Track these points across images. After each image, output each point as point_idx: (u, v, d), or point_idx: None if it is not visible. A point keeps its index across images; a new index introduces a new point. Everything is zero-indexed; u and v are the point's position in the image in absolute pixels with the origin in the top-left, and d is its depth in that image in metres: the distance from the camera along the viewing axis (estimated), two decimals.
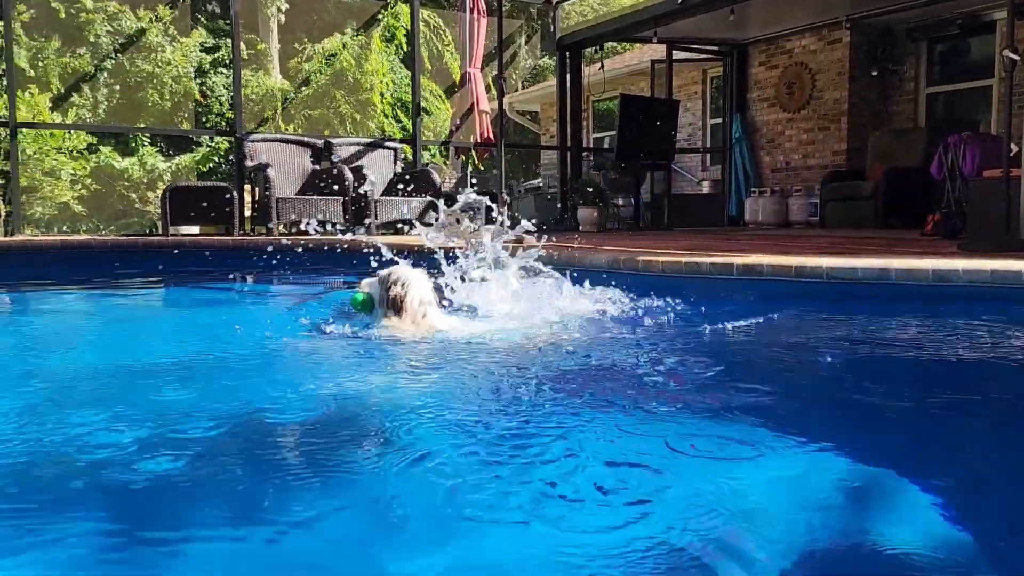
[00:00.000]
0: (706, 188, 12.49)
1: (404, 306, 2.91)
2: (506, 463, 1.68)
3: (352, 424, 2.02)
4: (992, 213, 4.69)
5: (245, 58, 14.85)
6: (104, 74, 14.93)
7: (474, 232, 3.22)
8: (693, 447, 1.77)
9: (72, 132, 12.79)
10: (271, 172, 7.62)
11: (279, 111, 15.41)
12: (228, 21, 14.18)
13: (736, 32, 10.80)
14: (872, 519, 1.44)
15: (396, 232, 8.74)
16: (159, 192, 12.70)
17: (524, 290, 3.22)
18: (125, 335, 2.97)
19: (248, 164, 8.06)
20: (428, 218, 2.94)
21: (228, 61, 15.15)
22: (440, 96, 16.23)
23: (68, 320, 4.19)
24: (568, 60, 10.76)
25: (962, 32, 9.58)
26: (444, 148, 15.29)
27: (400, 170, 9.00)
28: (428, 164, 11.57)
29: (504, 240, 3.32)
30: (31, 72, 13.69)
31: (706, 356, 2.76)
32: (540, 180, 16.45)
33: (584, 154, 11.72)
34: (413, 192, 8.39)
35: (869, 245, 5.49)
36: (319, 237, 4.08)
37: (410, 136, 10.98)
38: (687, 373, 2.53)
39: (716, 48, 11.62)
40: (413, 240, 4.49)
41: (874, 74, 10.17)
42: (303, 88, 15.84)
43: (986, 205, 4.80)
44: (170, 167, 14.92)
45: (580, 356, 2.70)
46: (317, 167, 8.53)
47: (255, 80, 15.51)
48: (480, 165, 11.36)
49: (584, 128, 13.04)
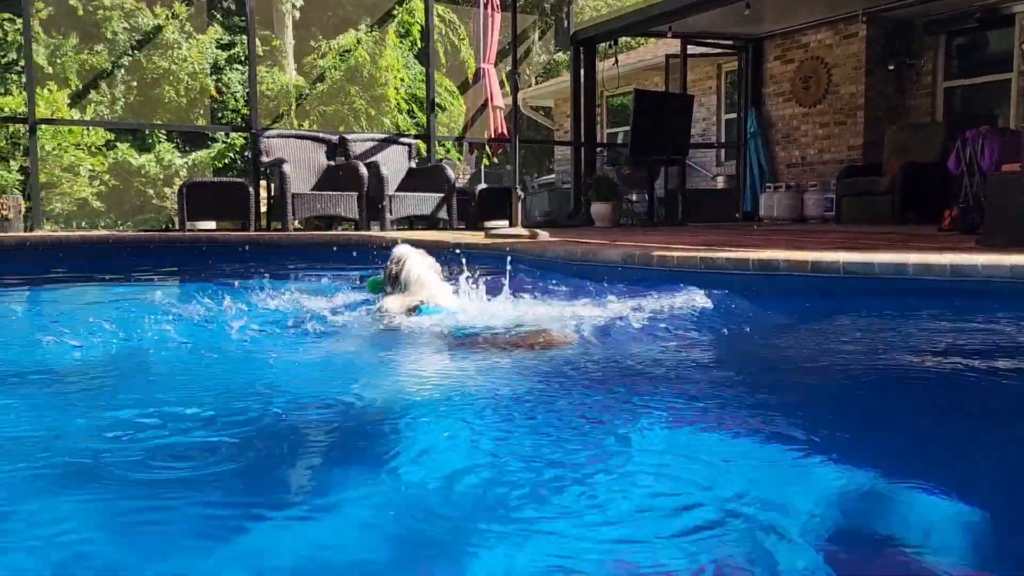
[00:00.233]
0: (720, 183, 12.45)
1: (400, 282, 3.05)
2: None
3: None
4: (1011, 208, 4.65)
5: (260, 54, 14.90)
6: (121, 71, 15.05)
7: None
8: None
9: (90, 128, 12.89)
10: (287, 168, 7.66)
11: (294, 107, 15.48)
12: (243, 18, 14.26)
13: (751, 26, 10.74)
14: (893, 518, 1.44)
15: (411, 227, 8.78)
16: (176, 188, 12.78)
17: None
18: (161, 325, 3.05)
19: (264, 160, 8.10)
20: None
21: (243, 57, 15.22)
22: (454, 92, 16.24)
23: (89, 311, 4.25)
24: (582, 55, 10.74)
25: (980, 25, 9.48)
26: (458, 144, 15.30)
27: (414, 166, 9.03)
28: (442, 160, 11.59)
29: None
30: (49, 69, 13.82)
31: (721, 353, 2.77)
32: (554, 175, 16.46)
33: (598, 149, 11.70)
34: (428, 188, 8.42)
35: (886, 240, 5.46)
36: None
37: (424, 132, 11.01)
38: (711, 370, 2.54)
39: (731, 43, 11.57)
40: (428, 235, 4.52)
41: (891, 68, 10.09)
42: (318, 84, 15.90)
43: (1004, 200, 4.75)
44: (186, 163, 15.03)
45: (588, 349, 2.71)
46: (332, 163, 8.56)
47: (270, 76, 15.59)
48: (496, 158, 11.37)
49: (598, 123, 13.02)
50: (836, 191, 9.60)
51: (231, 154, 15.11)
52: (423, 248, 3.31)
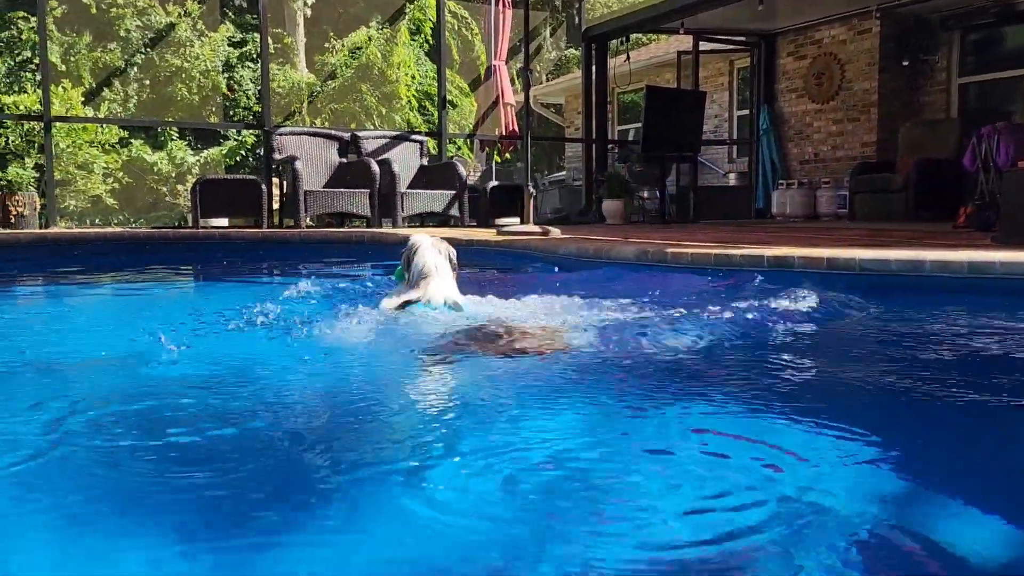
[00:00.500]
0: (732, 180, 12.41)
1: (411, 273, 3.01)
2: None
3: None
4: None
5: (272, 52, 14.96)
6: (134, 69, 15.14)
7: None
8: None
9: (104, 126, 12.98)
10: (299, 165, 7.68)
11: (306, 105, 15.53)
12: (255, 16, 14.31)
13: (764, 22, 10.70)
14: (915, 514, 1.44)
15: (422, 224, 8.80)
16: (188, 185, 12.87)
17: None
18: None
19: (276, 157, 8.13)
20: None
21: (255, 55, 15.29)
22: (464, 91, 16.26)
23: (112, 305, 4.30)
24: (594, 52, 10.72)
25: (996, 21, 9.41)
26: (469, 141, 15.32)
27: (426, 163, 9.04)
28: (453, 157, 11.61)
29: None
30: (63, 67, 13.92)
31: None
32: (564, 172, 16.45)
33: (609, 146, 11.68)
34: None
35: (901, 237, 5.43)
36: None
37: (436, 129, 11.02)
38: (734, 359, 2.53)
39: (743, 39, 11.53)
40: (440, 232, 4.52)
41: (905, 64, 10.03)
42: (329, 82, 15.95)
43: (1020, 197, 4.72)
44: (198, 160, 15.11)
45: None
46: (344, 160, 8.59)
47: (282, 74, 15.64)
48: (508, 155, 11.37)
49: (609, 120, 13.00)
50: (849, 188, 9.55)
51: (243, 151, 15.19)
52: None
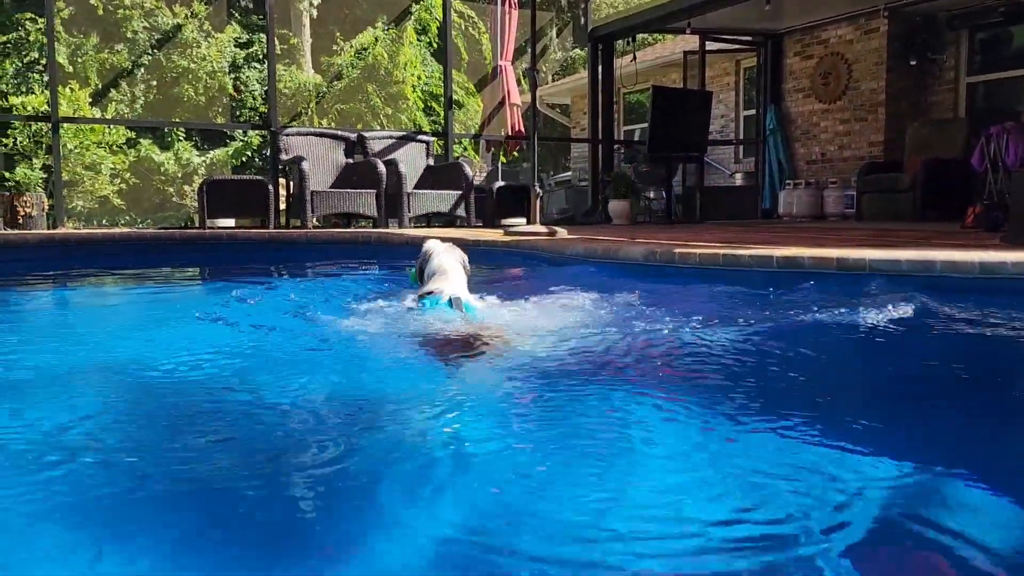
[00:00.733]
0: (739, 180, 12.38)
1: (425, 275, 3.14)
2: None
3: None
4: None
5: (278, 53, 14.98)
6: (141, 70, 15.17)
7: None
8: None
9: (111, 127, 13.01)
10: (306, 166, 7.69)
11: (313, 105, 15.55)
12: (261, 16, 14.32)
13: (770, 22, 10.67)
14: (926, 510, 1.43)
15: (428, 225, 8.80)
16: (195, 186, 12.89)
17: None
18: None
19: (283, 158, 8.14)
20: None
21: (261, 56, 15.31)
22: (471, 91, 16.26)
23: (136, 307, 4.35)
24: (600, 52, 10.71)
25: (1004, 20, 9.37)
26: (474, 141, 15.32)
27: (432, 163, 9.04)
28: (459, 157, 11.61)
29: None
30: (70, 68, 13.96)
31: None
32: (570, 173, 16.44)
33: (615, 147, 11.67)
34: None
35: (909, 238, 5.41)
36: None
37: (442, 129, 11.02)
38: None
39: (750, 39, 11.50)
40: (447, 232, 4.52)
41: (912, 64, 9.99)
42: (335, 82, 15.96)
43: None
44: (204, 161, 15.14)
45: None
46: (350, 160, 8.59)
47: (288, 75, 15.67)
48: (514, 155, 11.37)
49: (615, 120, 12.98)
50: (856, 188, 9.52)
51: (248, 152, 15.22)
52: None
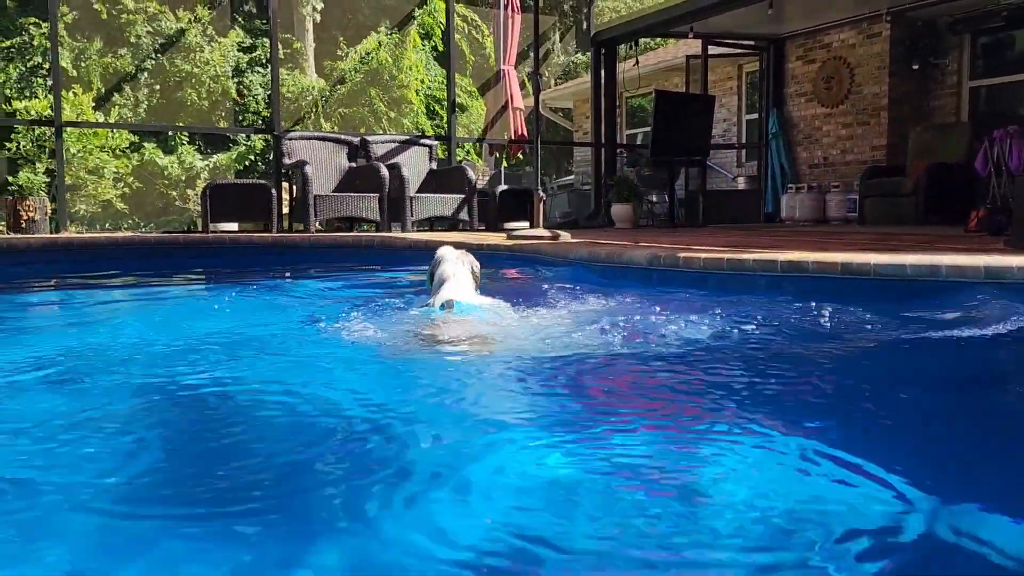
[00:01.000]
0: (741, 184, 12.38)
1: (435, 282, 3.22)
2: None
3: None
4: None
5: (281, 57, 15.01)
6: (144, 74, 15.20)
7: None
8: None
9: (114, 131, 13.05)
10: (309, 170, 7.70)
11: (317, 109, 15.57)
12: (265, 21, 14.34)
13: (773, 26, 10.68)
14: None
15: (431, 228, 8.80)
16: (198, 190, 12.90)
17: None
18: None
19: (286, 162, 8.15)
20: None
21: (265, 60, 15.34)
22: (474, 94, 16.27)
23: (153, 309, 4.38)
24: (603, 56, 10.73)
25: (1007, 24, 9.36)
26: (477, 145, 15.33)
27: (435, 167, 9.05)
28: (462, 161, 11.62)
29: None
30: (74, 72, 13.98)
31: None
32: (573, 176, 16.44)
33: (618, 150, 11.68)
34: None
35: (912, 242, 5.41)
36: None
37: (445, 133, 11.04)
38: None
39: (752, 43, 11.51)
40: (450, 236, 4.52)
41: (915, 68, 9.99)
42: (338, 86, 15.98)
43: None
44: (207, 165, 15.15)
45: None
46: (353, 165, 8.60)
47: (291, 79, 15.69)
48: (518, 158, 11.39)
49: (618, 124, 12.99)
50: (859, 192, 9.51)
51: (252, 156, 15.23)
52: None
